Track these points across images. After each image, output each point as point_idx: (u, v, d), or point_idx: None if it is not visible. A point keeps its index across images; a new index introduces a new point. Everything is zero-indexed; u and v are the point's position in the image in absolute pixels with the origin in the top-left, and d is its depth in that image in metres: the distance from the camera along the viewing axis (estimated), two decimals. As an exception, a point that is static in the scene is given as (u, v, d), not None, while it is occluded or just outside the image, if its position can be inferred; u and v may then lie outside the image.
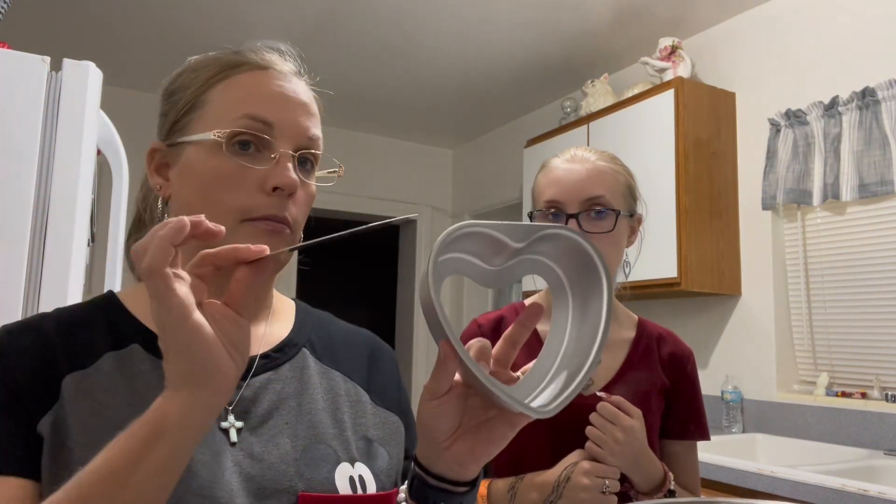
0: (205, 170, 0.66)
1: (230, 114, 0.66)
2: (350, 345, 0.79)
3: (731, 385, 2.51)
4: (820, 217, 2.43)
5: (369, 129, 4.39)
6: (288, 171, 0.65)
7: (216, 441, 0.63)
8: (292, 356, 0.72)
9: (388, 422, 0.75)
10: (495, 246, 0.58)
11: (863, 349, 2.27)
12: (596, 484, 0.97)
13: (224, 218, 0.64)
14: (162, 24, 2.97)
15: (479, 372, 0.53)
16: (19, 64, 1.26)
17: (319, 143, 0.71)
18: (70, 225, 1.27)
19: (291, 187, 0.65)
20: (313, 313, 0.81)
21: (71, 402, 0.61)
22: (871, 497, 1.51)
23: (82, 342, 0.65)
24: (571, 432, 1.05)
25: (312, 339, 0.76)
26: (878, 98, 2.17)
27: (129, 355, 0.65)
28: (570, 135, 3.09)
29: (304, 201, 0.69)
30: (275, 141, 0.66)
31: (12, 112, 1.24)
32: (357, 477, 0.66)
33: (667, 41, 2.74)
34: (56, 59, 1.29)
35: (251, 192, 0.65)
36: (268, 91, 0.68)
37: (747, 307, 2.60)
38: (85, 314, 0.69)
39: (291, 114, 0.68)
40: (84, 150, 1.30)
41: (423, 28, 2.97)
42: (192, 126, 0.68)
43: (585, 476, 0.97)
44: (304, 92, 0.72)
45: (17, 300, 1.21)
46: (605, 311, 0.61)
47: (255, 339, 0.71)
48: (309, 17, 2.88)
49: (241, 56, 0.71)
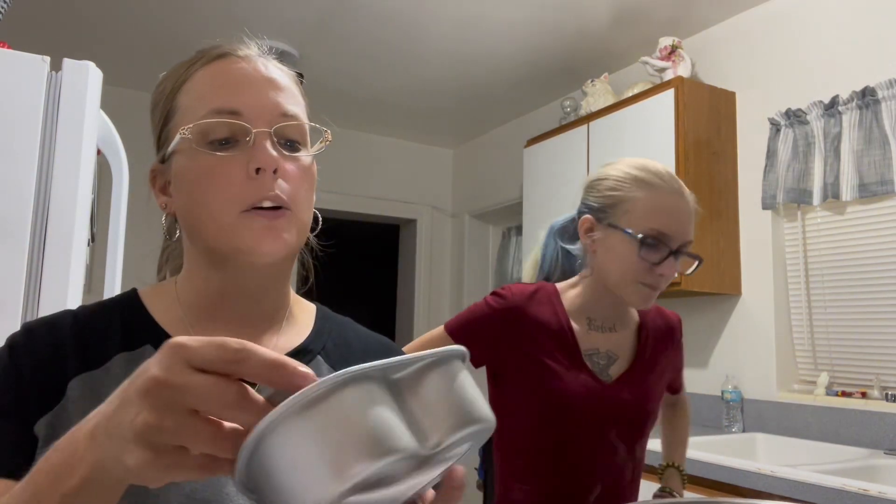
0: (190, 173, 0.66)
1: (197, 112, 0.66)
2: (367, 353, 0.78)
3: (731, 385, 2.51)
4: (820, 217, 2.43)
5: (369, 129, 4.39)
6: (265, 149, 0.64)
7: None
8: (306, 363, 0.71)
9: None
10: None
11: (863, 349, 2.27)
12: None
13: (222, 214, 0.64)
14: (162, 24, 2.97)
15: None
16: (19, 64, 1.26)
17: (299, 117, 0.69)
18: (70, 225, 1.27)
19: (271, 164, 0.64)
20: (333, 319, 0.80)
21: (75, 403, 0.61)
22: (871, 497, 1.51)
23: (95, 342, 0.65)
24: (595, 425, 1.15)
25: (328, 346, 0.75)
26: (878, 98, 2.17)
27: (140, 356, 0.65)
28: (570, 135, 3.09)
29: (298, 176, 0.67)
30: (247, 125, 0.65)
31: (12, 112, 1.24)
32: None
33: (667, 41, 2.74)
34: (56, 59, 1.29)
35: (238, 180, 0.64)
36: (228, 78, 0.67)
37: (747, 307, 2.60)
38: (103, 313, 0.69)
39: (257, 94, 0.66)
40: (84, 150, 1.30)
41: (424, 28, 2.96)
42: (170, 136, 0.68)
43: None
44: (271, 69, 0.69)
45: (17, 300, 1.21)
46: None
47: (267, 346, 0.70)
48: (309, 17, 2.88)
49: (199, 53, 0.70)
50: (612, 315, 1.22)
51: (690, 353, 2.81)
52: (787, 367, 2.49)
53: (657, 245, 1.10)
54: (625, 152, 2.78)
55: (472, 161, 4.58)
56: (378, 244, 7.26)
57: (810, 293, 2.45)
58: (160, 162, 0.71)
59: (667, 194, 1.12)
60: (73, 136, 1.29)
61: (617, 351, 1.22)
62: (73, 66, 1.31)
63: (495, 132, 4.35)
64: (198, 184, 0.65)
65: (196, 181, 0.65)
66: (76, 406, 0.61)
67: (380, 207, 4.47)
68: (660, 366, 1.25)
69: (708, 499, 1.12)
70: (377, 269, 7.26)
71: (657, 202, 1.12)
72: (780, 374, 2.47)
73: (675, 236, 1.11)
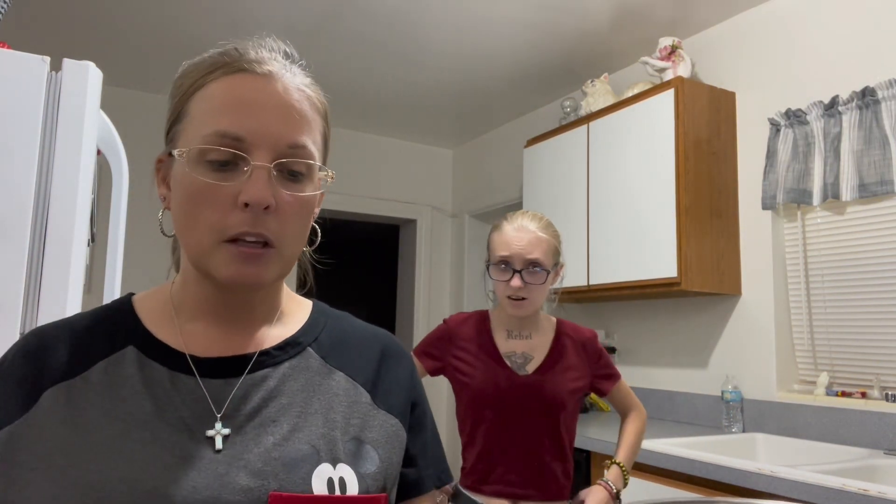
0: (185, 186, 0.65)
1: (202, 129, 0.64)
2: (362, 345, 0.77)
3: (731, 385, 2.51)
4: (820, 217, 2.43)
5: (369, 129, 4.39)
6: (258, 185, 0.62)
7: (199, 451, 0.62)
8: (294, 354, 0.71)
9: (386, 424, 0.73)
10: None
11: (863, 349, 2.27)
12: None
13: (203, 237, 0.63)
14: (162, 24, 2.97)
15: None
16: (19, 64, 1.26)
17: (307, 151, 0.66)
18: (70, 225, 1.27)
19: (261, 202, 0.62)
20: (329, 313, 0.79)
21: (44, 413, 0.62)
22: (871, 497, 1.51)
23: (77, 352, 0.66)
24: (516, 407, 1.59)
25: (321, 338, 0.75)
26: (878, 98, 2.17)
27: (122, 357, 0.66)
28: (570, 135, 3.10)
29: (293, 211, 0.65)
30: (248, 155, 0.63)
31: (12, 112, 1.24)
32: (337, 479, 0.65)
33: (667, 41, 2.74)
34: (56, 59, 1.29)
35: (225, 209, 0.62)
36: (241, 99, 0.64)
37: (747, 307, 2.60)
38: (94, 321, 0.70)
39: (266, 122, 0.64)
40: (84, 150, 1.30)
41: (424, 28, 2.97)
42: (176, 138, 0.67)
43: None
44: (290, 91, 0.66)
45: (17, 300, 1.21)
46: None
47: (256, 339, 0.71)
48: (309, 17, 2.88)
49: (221, 58, 0.67)
50: (522, 325, 1.67)
51: (690, 353, 2.81)
52: (787, 367, 2.49)
53: (505, 268, 1.59)
54: (625, 152, 2.79)
55: (472, 161, 4.58)
56: (378, 244, 7.25)
57: (810, 293, 2.45)
58: (168, 154, 0.70)
59: (510, 231, 1.60)
60: (73, 136, 1.29)
61: (532, 352, 1.65)
62: (73, 66, 1.31)
63: (495, 132, 4.35)
64: (189, 200, 0.64)
65: (188, 197, 0.64)
66: (47, 415, 0.62)
67: (380, 207, 4.47)
68: (571, 367, 1.65)
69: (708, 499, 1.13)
70: (377, 268, 7.26)
71: (500, 239, 1.61)
72: (780, 374, 2.47)
73: (516, 259, 1.58)
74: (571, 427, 1.67)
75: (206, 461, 0.61)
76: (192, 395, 0.65)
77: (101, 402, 0.63)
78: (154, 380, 0.65)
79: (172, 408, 0.64)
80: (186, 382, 0.65)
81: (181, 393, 0.65)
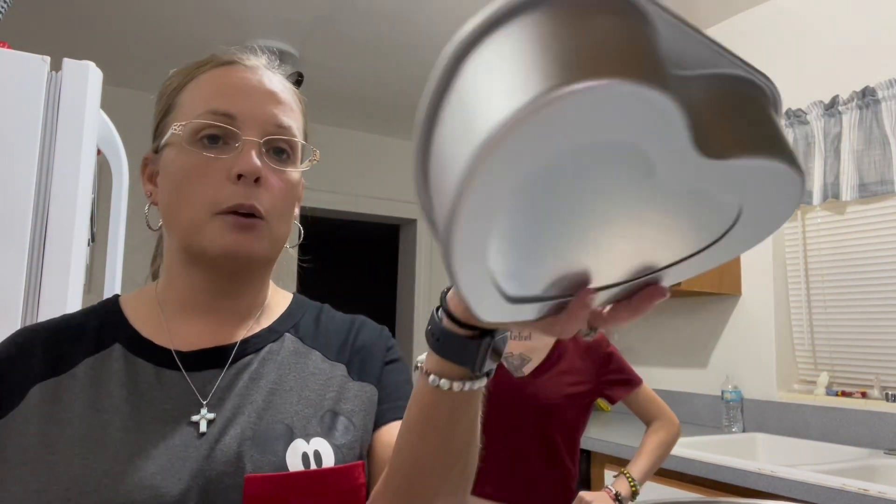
0: (176, 167, 0.67)
1: (195, 110, 0.67)
2: (338, 328, 0.79)
3: (731, 385, 2.51)
4: (820, 216, 2.43)
5: (369, 129, 4.39)
6: (250, 157, 0.65)
7: (183, 435, 0.63)
8: (273, 340, 0.73)
9: (361, 393, 0.73)
10: None
11: (863, 349, 2.27)
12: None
13: (196, 213, 0.65)
14: (162, 24, 2.97)
15: None
16: (19, 64, 1.26)
17: (292, 131, 0.70)
18: (70, 225, 1.27)
19: (254, 172, 0.65)
20: (307, 304, 0.81)
21: (29, 410, 0.63)
22: (871, 497, 1.51)
23: (64, 350, 0.67)
24: (507, 409, 1.54)
25: (299, 324, 0.77)
26: (878, 98, 2.17)
27: (108, 355, 0.67)
28: (570, 134, 3.09)
29: (280, 189, 0.69)
30: (239, 131, 0.67)
31: (12, 112, 1.24)
32: (312, 452, 0.66)
33: (667, 41, 2.74)
34: (56, 59, 1.29)
35: (218, 182, 0.65)
36: (230, 83, 0.69)
37: (747, 307, 2.60)
38: (81, 320, 0.71)
39: (255, 103, 0.68)
40: (84, 150, 1.30)
41: (424, 27, 2.96)
42: (165, 130, 0.70)
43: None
44: (274, 82, 0.71)
45: (17, 300, 1.21)
46: None
47: (240, 330, 0.72)
48: (309, 16, 2.88)
49: (210, 56, 0.72)
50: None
51: (690, 353, 2.81)
52: (787, 367, 2.49)
53: None
54: (625, 152, 2.79)
55: (472, 161, 4.57)
56: (378, 244, 7.26)
57: (810, 293, 2.45)
58: (153, 152, 0.73)
59: None
60: (73, 135, 1.29)
61: (531, 354, 1.59)
62: (73, 66, 1.31)
63: (495, 132, 4.35)
64: (180, 179, 0.66)
65: (179, 176, 0.67)
66: (32, 411, 0.63)
67: (380, 207, 4.47)
68: (571, 371, 1.60)
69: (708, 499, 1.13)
70: (377, 268, 7.26)
71: None
72: (780, 374, 2.47)
73: None
74: (572, 434, 1.60)
75: (189, 449, 0.63)
76: (176, 388, 0.66)
77: (85, 397, 0.64)
78: (139, 376, 0.66)
79: (157, 401, 0.65)
80: (171, 377, 0.67)
81: (166, 387, 0.66)
